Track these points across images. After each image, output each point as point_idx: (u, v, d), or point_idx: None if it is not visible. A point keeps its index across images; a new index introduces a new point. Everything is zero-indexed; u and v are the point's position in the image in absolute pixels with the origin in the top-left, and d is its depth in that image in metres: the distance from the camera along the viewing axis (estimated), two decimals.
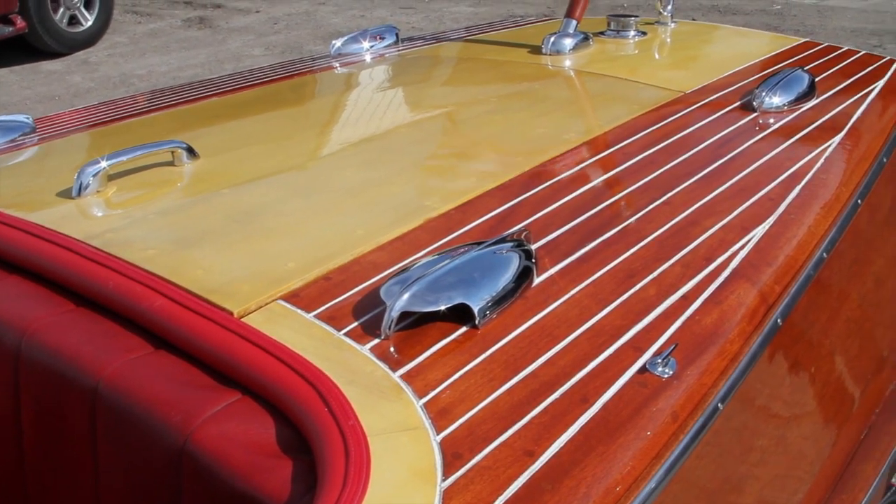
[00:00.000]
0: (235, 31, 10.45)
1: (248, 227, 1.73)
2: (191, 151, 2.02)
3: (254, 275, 1.55)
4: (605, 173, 2.02)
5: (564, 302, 1.53)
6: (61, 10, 9.79)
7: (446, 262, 1.47)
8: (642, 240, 1.73)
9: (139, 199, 1.87)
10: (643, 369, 1.40)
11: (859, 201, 2.08)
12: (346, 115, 2.54)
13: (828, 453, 2.08)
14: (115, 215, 1.80)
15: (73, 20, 10.02)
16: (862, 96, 2.58)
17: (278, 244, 1.66)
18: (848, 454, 2.18)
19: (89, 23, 10.19)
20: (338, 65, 2.98)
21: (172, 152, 2.00)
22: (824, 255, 1.87)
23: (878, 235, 2.33)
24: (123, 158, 1.92)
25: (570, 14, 3.01)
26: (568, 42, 2.90)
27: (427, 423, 1.25)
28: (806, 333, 1.88)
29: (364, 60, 3.01)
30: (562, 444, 1.25)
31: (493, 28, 3.52)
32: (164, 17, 11.30)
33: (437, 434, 1.23)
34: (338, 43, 3.08)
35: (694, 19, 9.14)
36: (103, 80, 9.08)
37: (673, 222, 1.80)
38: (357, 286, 1.53)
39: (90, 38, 10.20)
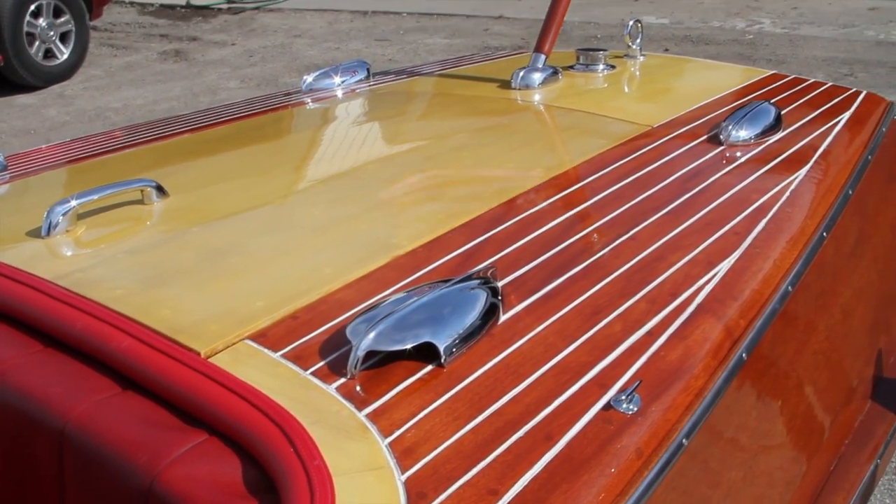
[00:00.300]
0: (211, 63, 10.46)
1: (216, 265, 1.73)
2: (160, 190, 2.02)
3: (221, 314, 1.56)
4: (572, 209, 2.03)
5: (530, 339, 1.54)
6: (37, 43, 9.78)
7: (412, 300, 1.48)
8: (608, 275, 1.75)
9: (108, 238, 1.88)
10: (608, 406, 1.41)
11: (825, 234, 2.10)
12: (316, 151, 2.55)
13: (798, 484, 2.09)
14: (84, 255, 1.80)
15: (48, 53, 10.00)
16: (828, 128, 2.60)
17: (246, 283, 1.67)
18: (818, 485, 2.19)
19: (65, 56, 10.18)
20: (309, 100, 2.99)
21: (142, 191, 2.01)
22: (790, 288, 1.88)
23: (845, 267, 2.35)
24: (93, 197, 1.92)
25: (538, 48, 3.03)
26: (537, 76, 2.92)
27: (392, 462, 1.26)
28: (773, 367, 1.89)
29: (335, 96, 3.02)
30: (526, 483, 1.25)
31: (463, 62, 3.54)
32: (139, 49, 11.30)
33: (402, 473, 1.24)
34: (309, 78, 3.08)
35: (667, 49, 9.21)
36: (79, 114, 9.07)
37: (639, 258, 1.82)
38: (324, 325, 1.54)
39: (66, 72, 10.19)
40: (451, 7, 11.41)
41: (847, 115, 2.75)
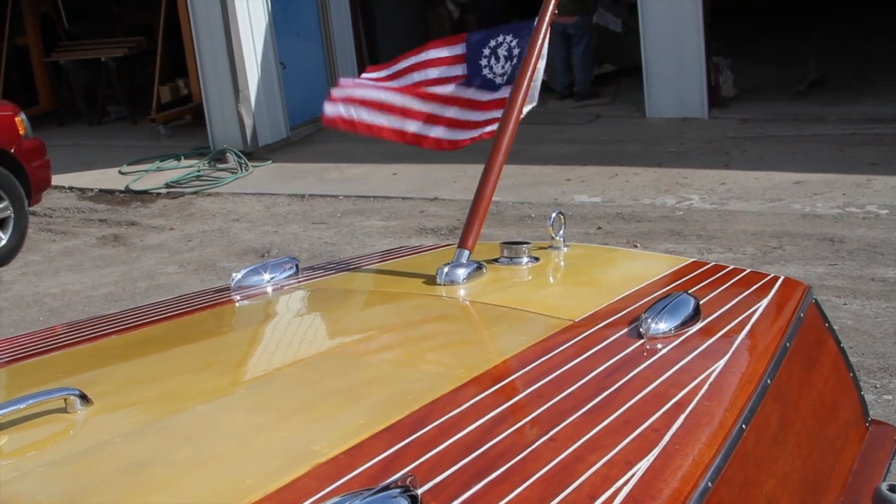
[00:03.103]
0: (150, 248, 10.51)
1: (136, 478, 1.73)
2: (84, 398, 2.03)
3: None
4: (494, 410, 2.05)
5: None
6: None
7: None
8: (527, 479, 1.76)
9: (29, 448, 1.88)
10: None
11: (744, 426, 2.13)
12: (241, 354, 2.58)
13: None
14: (4, 467, 1.79)
15: None
16: (746, 317, 2.66)
17: (166, 496, 1.67)
18: None
19: (3, 242, 10.21)
20: (238, 298, 3.02)
21: (65, 399, 2.01)
22: (710, 484, 1.90)
23: (767, 456, 2.37)
24: (17, 407, 1.92)
25: (462, 244, 3.08)
26: (461, 272, 2.95)
27: None
28: None
29: (264, 293, 3.05)
30: None
31: (391, 256, 3.60)
32: (78, 235, 11.34)
33: None
34: (238, 275, 3.10)
35: (600, 227, 9.40)
36: (16, 300, 9.05)
37: (558, 459, 1.83)
38: None
39: (4, 258, 10.20)
40: (386, 189, 11.59)
41: (765, 301, 2.82)
